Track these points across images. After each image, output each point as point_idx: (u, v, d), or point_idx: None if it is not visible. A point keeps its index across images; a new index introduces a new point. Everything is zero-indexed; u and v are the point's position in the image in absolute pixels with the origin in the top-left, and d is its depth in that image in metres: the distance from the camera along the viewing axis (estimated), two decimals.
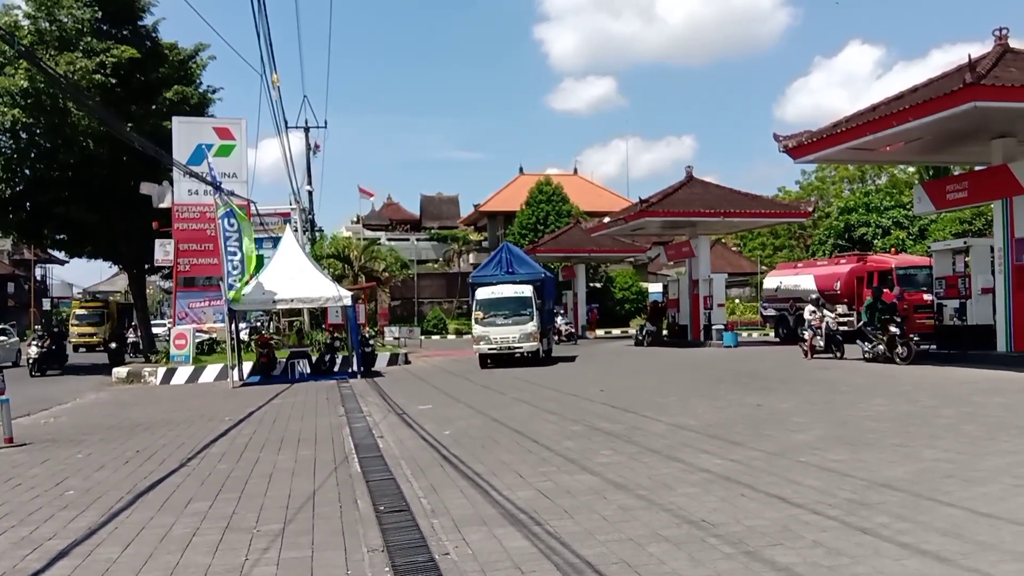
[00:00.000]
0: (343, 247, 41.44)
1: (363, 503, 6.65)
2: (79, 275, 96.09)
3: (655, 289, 43.95)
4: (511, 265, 23.39)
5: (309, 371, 21.42)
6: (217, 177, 20.77)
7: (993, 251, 17.52)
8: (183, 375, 21.42)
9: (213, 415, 13.48)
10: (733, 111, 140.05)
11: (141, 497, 7.28)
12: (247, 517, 6.37)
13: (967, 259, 18.45)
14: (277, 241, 23.67)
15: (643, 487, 6.75)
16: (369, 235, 53.82)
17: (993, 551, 4.76)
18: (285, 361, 21.69)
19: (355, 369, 20.92)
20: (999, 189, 16.80)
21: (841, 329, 21.41)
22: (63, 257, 45.22)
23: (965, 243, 19.38)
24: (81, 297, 60.18)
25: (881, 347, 17.63)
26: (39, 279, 68.45)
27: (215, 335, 24.62)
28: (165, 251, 26.71)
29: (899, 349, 17.14)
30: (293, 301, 20.97)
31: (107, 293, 74.70)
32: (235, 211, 20.60)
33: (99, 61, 25.71)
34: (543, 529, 5.62)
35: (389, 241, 55.24)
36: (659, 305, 33.38)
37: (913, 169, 42.59)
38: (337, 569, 5.04)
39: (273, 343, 23.23)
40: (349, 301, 20.82)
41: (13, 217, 28.71)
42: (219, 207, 20.53)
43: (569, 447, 8.80)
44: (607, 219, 34.98)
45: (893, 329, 17.28)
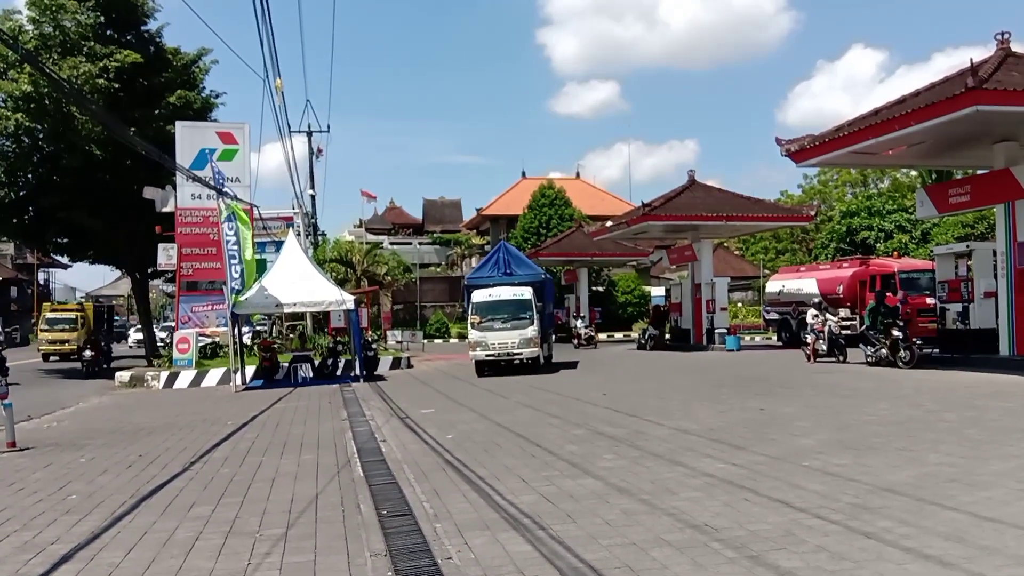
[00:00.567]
0: (346, 251, 41.47)
1: (366, 507, 6.65)
2: (82, 279, 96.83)
3: (658, 293, 43.86)
4: (509, 266, 21.99)
5: (312, 375, 21.45)
6: (222, 180, 20.79)
7: (995, 255, 17.49)
8: (186, 379, 21.44)
9: (216, 419, 13.49)
10: (735, 115, 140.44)
11: (144, 501, 7.29)
12: (250, 521, 6.38)
13: (970, 263, 18.40)
14: (280, 245, 23.69)
15: (646, 491, 6.75)
16: (372, 239, 53.79)
17: (996, 555, 4.76)
18: (288, 365, 21.73)
19: (358, 373, 20.88)
20: (1001, 193, 16.80)
21: (844, 333, 21.35)
22: (66, 261, 45.09)
23: (968, 247, 19.31)
24: (84, 300, 60.11)
25: (884, 351, 17.61)
26: (42, 283, 68.59)
27: (218, 339, 24.66)
28: (168, 255, 26.71)
29: (902, 353, 17.12)
30: (296, 305, 21.01)
31: (110, 297, 75.07)
32: (237, 214, 20.63)
33: (102, 66, 25.84)
34: (546, 533, 5.62)
35: (392, 245, 55.28)
36: (662, 309, 33.29)
37: (915, 173, 42.53)
38: (340, 573, 5.04)
39: (276, 347, 23.27)
40: (352, 305, 20.82)
41: (16, 221, 28.85)
42: (222, 211, 20.58)
43: (572, 451, 8.80)
44: (610, 223, 34.98)
45: (896, 333, 17.25)
